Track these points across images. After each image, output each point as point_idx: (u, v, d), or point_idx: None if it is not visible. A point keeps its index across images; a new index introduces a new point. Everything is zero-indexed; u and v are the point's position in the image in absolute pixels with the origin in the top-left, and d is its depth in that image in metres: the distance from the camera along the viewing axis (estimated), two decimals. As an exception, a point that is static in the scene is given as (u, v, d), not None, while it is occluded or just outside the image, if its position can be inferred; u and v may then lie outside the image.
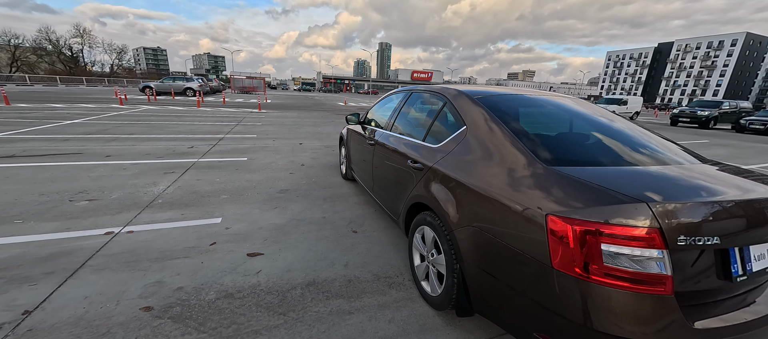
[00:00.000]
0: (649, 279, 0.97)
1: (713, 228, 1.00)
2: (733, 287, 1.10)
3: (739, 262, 1.08)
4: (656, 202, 1.00)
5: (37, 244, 2.33)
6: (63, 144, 5.64)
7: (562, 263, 1.07)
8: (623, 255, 0.99)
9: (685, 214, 1.00)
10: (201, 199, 3.39)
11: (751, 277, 1.10)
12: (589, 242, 1.01)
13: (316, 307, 1.84)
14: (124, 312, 1.71)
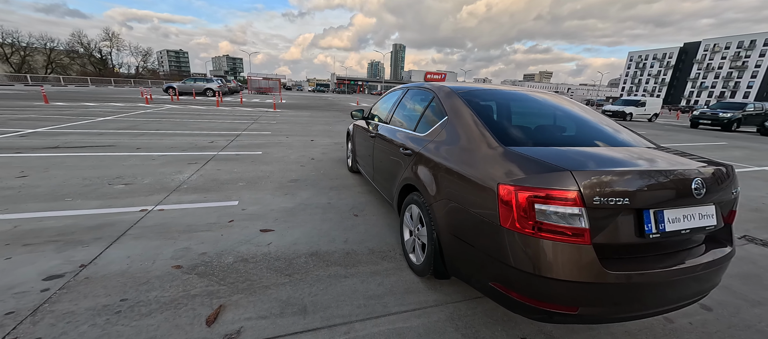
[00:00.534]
0: (572, 231, 1.22)
1: (623, 192, 1.24)
2: (651, 244, 1.32)
3: (653, 222, 1.30)
4: (577, 171, 1.24)
5: (85, 217, 2.75)
6: (98, 138, 6.22)
7: (506, 222, 1.33)
8: (552, 212, 1.24)
9: (599, 180, 1.24)
10: (220, 185, 3.78)
11: (665, 236, 1.32)
12: (526, 203, 1.27)
13: (317, 272, 2.14)
14: (159, 268, 2.07)
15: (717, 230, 1.51)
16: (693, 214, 1.37)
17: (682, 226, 1.35)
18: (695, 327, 1.81)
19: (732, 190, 1.50)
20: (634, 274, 1.24)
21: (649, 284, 1.26)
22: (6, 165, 4.11)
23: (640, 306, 1.30)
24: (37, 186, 3.42)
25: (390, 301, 1.89)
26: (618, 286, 1.23)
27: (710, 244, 1.51)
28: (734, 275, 2.39)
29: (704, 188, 1.36)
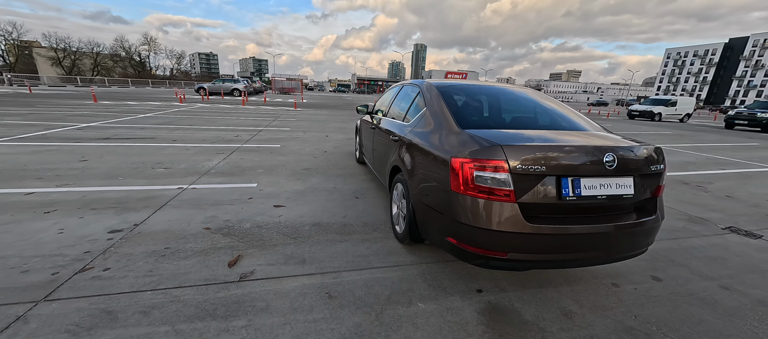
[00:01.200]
0: (501, 192, 1.57)
1: (541, 162, 1.57)
2: (574, 206, 1.63)
3: (570, 188, 1.61)
4: (506, 146, 1.59)
5: (135, 192, 3.35)
6: (140, 131, 7.06)
7: (456, 187, 1.69)
8: (486, 177, 1.59)
9: (522, 153, 1.57)
10: (243, 171, 4.33)
11: (581, 199, 1.63)
12: (468, 171, 1.63)
13: (317, 237, 2.58)
14: (193, 229, 2.59)
15: (645, 201, 1.78)
16: (609, 184, 1.67)
17: (598, 193, 1.65)
18: (638, 292, 2.07)
19: (651, 166, 1.77)
20: (552, 228, 1.57)
21: (565, 237, 1.58)
22: (70, 152, 4.90)
23: (559, 255, 1.62)
24: (96, 168, 4.11)
25: (374, 259, 2.29)
26: (538, 237, 1.56)
27: (636, 211, 1.79)
28: (701, 257, 2.58)
29: (616, 162, 1.65)
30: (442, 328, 1.65)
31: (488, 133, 1.80)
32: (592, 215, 1.69)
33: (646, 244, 1.83)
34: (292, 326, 1.61)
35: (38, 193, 3.16)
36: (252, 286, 1.91)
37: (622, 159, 1.68)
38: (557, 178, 1.61)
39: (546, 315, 1.79)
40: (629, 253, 1.80)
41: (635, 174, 1.74)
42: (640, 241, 1.76)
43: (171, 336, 1.49)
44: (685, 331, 1.73)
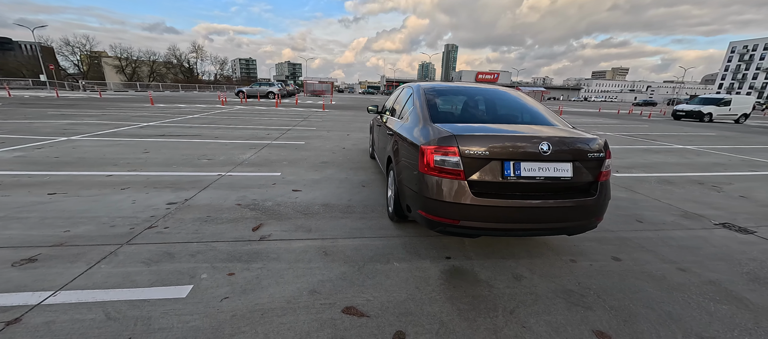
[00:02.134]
0: (453, 171, 1.98)
1: (485, 148, 1.95)
2: (511, 185, 2.00)
3: (511, 169, 1.98)
4: (459, 135, 1.99)
5: (185, 176, 4.13)
6: (189, 129, 8.16)
7: (422, 168, 2.12)
8: (443, 160, 2.00)
9: (471, 141, 1.97)
10: (270, 163, 5.03)
11: (521, 179, 1.98)
12: (431, 155, 2.05)
13: (324, 214, 3.12)
14: (227, 205, 3.24)
15: (587, 183, 2.10)
16: (547, 167, 2.01)
17: (536, 174, 2.00)
18: (593, 267, 2.35)
19: (588, 154, 2.07)
20: (495, 201, 1.95)
21: (508, 209, 1.96)
22: (136, 145, 5.95)
23: (504, 224, 2.00)
24: (156, 158, 5.02)
25: (366, 231, 2.77)
26: (483, 208, 1.95)
27: (577, 191, 2.10)
28: (675, 246, 2.76)
29: (551, 150, 1.99)
30: (408, 279, 2.09)
31: (450, 126, 2.21)
32: (533, 192, 2.04)
33: (591, 221, 2.13)
34: (294, 270, 2.14)
35: (115, 176, 4.05)
36: (268, 244, 2.48)
37: (558, 148, 2.02)
38: (501, 161, 1.99)
39: (499, 277, 2.16)
40: (573, 228, 2.12)
41: (573, 160, 2.06)
42: (581, 217, 2.07)
43: (209, 270, 2.09)
44: (620, 296, 2.01)
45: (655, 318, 1.83)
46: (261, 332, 1.59)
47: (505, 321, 1.75)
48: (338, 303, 1.83)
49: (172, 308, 1.72)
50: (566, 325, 1.74)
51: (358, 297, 1.89)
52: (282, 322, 1.66)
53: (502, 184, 2.01)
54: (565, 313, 1.83)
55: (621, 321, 1.79)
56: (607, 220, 3.24)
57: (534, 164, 2.01)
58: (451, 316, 1.77)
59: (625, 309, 1.89)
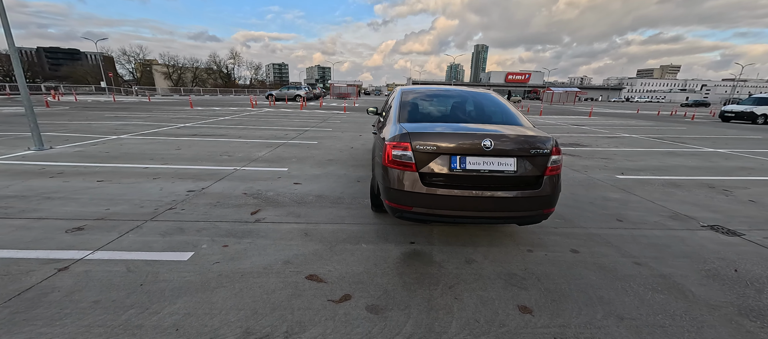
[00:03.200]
0: (407, 164, 2.27)
1: (433, 144, 2.22)
2: (457, 177, 2.24)
3: (458, 163, 2.22)
4: (412, 133, 2.28)
5: (206, 169, 4.75)
6: (217, 130, 9.03)
7: (384, 161, 2.43)
8: (400, 154, 2.31)
9: (422, 138, 2.25)
10: (281, 160, 5.56)
11: (467, 172, 2.22)
12: (389, 150, 2.36)
13: (315, 204, 3.52)
14: (235, 194, 3.75)
15: (533, 177, 2.30)
16: (491, 162, 2.24)
17: (481, 167, 2.23)
18: (547, 257, 2.52)
19: (531, 150, 2.27)
20: (443, 191, 2.22)
21: (455, 198, 2.21)
22: (171, 143, 6.79)
23: (452, 211, 2.25)
24: (185, 154, 5.75)
25: (347, 219, 3.13)
26: (432, 196, 2.22)
27: (522, 185, 2.30)
28: (643, 243, 2.82)
29: (492, 146, 2.21)
30: (370, 257, 2.42)
31: (412, 125, 2.50)
32: (479, 184, 2.28)
33: (538, 212, 2.32)
34: (276, 246, 2.55)
35: (150, 168, 4.76)
36: (261, 225, 2.92)
37: (500, 144, 2.24)
38: (449, 155, 2.25)
39: (452, 260, 2.42)
40: (521, 218, 2.32)
41: (517, 156, 2.27)
42: (528, 208, 2.28)
43: (209, 242, 2.56)
44: (560, 281, 2.19)
45: (584, 300, 2.00)
46: (237, 287, 2.00)
47: (441, 293, 2.02)
48: (304, 271, 2.20)
49: (175, 267, 2.19)
50: (495, 300, 1.97)
51: (322, 268, 2.25)
52: (255, 282, 2.06)
53: (450, 175, 2.27)
54: (498, 291, 2.06)
55: (549, 300, 1.99)
56: (584, 218, 3.33)
57: (478, 159, 2.25)
58: (395, 287, 2.07)
59: (558, 291, 2.08)
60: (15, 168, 4.55)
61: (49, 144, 6.13)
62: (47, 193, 3.54)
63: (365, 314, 1.80)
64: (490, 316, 1.83)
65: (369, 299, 1.93)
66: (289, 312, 1.79)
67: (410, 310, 1.85)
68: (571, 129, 12.29)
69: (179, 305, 1.81)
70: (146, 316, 1.72)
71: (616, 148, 7.92)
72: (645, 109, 36.14)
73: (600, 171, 5.46)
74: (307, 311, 1.81)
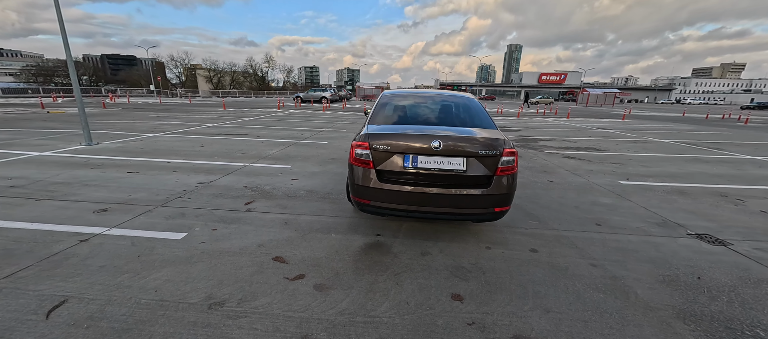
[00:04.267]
0: (365, 162, 2.50)
1: (388, 144, 2.42)
2: (410, 174, 2.43)
3: (411, 161, 2.41)
4: (371, 133, 2.51)
5: (219, 165, 5.30)
6: (240, 129, 9.78)
7: (350, 159, 2.69)
8: (360, 153, 2.55)
9: (378, 138, 2.46)
10: (288, 158, 6.01)
11: (418, 169, 2.40)
12: (354, 149, 2.61)
13: (304, 197, 3.86)
14: (238, 187, 4.20)
15: (483, 177, 2.43)
16: (441, 161, 2.40)
17: (431, 166, 2.41)
18: (502, 255, 2.63)
19: (480, 151, 2.40)
20: (396, 187, 2.43)
21: (407, 194, 2.41)
22: (196, 141, 7.54)
23: (405, 206, 2.45)
24: (205, 151, 6.40)
25: (328, 212, 3.42)
26: (387, 191, 2.44)
27: (472, 184, 2.44)
28: (611, 247, 2.82)
29: (441, 146, 2.38)
30: (334, 245, 2.68)
31: (373, 127, 2.73)
32: (430, 181, 2.45)
33: (489, 210, 2.45)
34: (257, 232, 2.89)
35: (173, 162, 5.40)
36: (249, 214, 3.30)
37: (450, 145, 2.40)
38: (403, 155, 2.46)
39: (408, 252, 2.61)
40: (473, 215, 2.47)
41: (466, 156, 2.42)
42: (478, 206, 2.42)
43: (202, 225, 2.97)
44: (504, 276, 2.31)
45: (518, 293, 2.11)
46: (213, 262, 2.36)
47: (385, 278, 2.24)
48: (272, 253, 2.52)
49: (168, 244, 2.61)
50: (432, 287, 2.15)
51: (289, 252, 2.56)
52: (228, 259, 2.41)
53: (403, 173, 2.48)
54: (439, 280, 2.23)
55: (484, 291, 2.13)
56: (561, 221, 3.35)
57: (429, 158, 2.43)
58: (346, 270, 2.32)
59: (497, 284, 2.21)
60: (66, 159, 5.39)
61: (96, 140, 7.10)
62: (86, 181, 4.21)
63: (310, 291, 2.07)
64: (422, 300, 2.02)
65: (319, 279, 2.20)
66: (247, 284, 2.11)
67: (351, 290, 2.09)
68: (594, 133, 11.71)
69: (163, 273, 2.20)
70: (135, 280, 2.12)
71: (635, 153, 7.51)
72: (694, 112, 32.96)
73: (604, 176, 5.29)
74: (263, 285, 2.11)
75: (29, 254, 2.39)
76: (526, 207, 3.73)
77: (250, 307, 1.90)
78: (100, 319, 1.76)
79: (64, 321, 1.74)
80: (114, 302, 1.90)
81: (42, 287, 2.01)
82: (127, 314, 1.80)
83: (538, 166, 5.97)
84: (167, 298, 1.94)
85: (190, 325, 1.73)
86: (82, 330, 1.68)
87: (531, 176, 5.18)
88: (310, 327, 1.76)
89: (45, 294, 1.95)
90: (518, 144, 8.59)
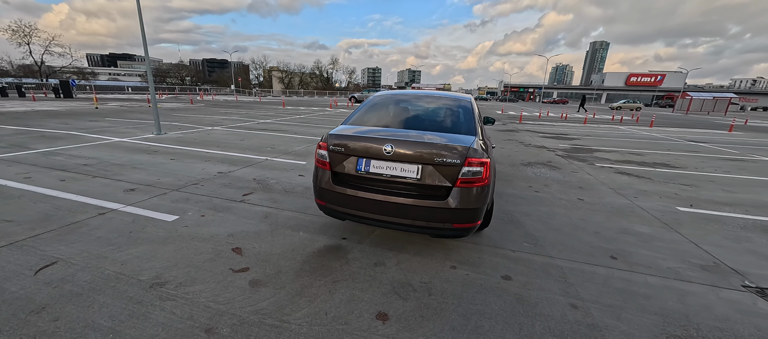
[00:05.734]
0: (323, 163, 2.45)
1: (343, 146, 2.32)
2: (363, 178, 2.29)
3: (363, 165, 2.27)
4: (331, 135, 2.44)
5: (245, 158, 5.79)
6: (283, 126, 10.57)
7: (315, 160, 2.68)
8: (320, 153, 2.50)
9: (336, 140, 2.37)
10: (308, 154, 6.28)
11: (370, 174, 2.24)
12: (317, 150, 2.59)
13: (298, 193, 3.98)
14: (247, 178, 4.54)
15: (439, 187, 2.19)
16: (394, 167, 2.21)
17: (383, 172, 2.23)
18: (466, 277, 2.33)
19: (436, 159, 2.13)
20: (350, 191, 2.32)
21: (359, 199, 2.29)
22: (240, 135, 8.39)
23: (358, 211, 2.33)
24: (242, 144, 7.08)
25: (310, 210, 3.46)
26: (341, 195, 2.36)
27: (427, 194, 2.20)
28: (618, 289, 2.30)
29: (393, 152, 2.18)
30: (295, 243, 2.70)
31: (339, 127, 2.66)
32: (381, 188, 2.28)
33: (445, 225, 2.19)
34: (236, 221, 3.08)
35: (209, 153, 6.09)
36: (240, 205, 3.53)
37: (402, 150, 2.19)
38: (356, 157, 2.34)
39: (363, 259, 2.49)
40: (427, 229, 2.24)
41: (420, 163, 2.18)
42: (433, 219, 2.18)
43: (194, 211, 3.27)
44: (451, 302, 2.04)
45: (456, 324, 1.84)
46: (182, 245, 2.58)
47: (322, 283, 2.17)
48: (235, 244, 2.65)
49: (160, 224, 2.94)
50: (363, 301, 2.01)
51: (249, 244, 2.66)
52: (196, 244, 2.61)
53: (355, 176, 2.36)
54: (375, 295, 2.07)
55: (418, 315, 1.91)
56: (564, 247, 2.84)
57: (381, 162, 2.27)
58: (290, 269, 2.31)
59: (436, 309, 1.96)
60: (134, 146, 6.50)
61: (165, 131, 8.41)
62: (136, 165, 5.01)
63: (244, 285, 2.12)
64: (342, 313, 1.90)
65: (259, 275, 2.24)
66: (195, 270, 2.26)
67: (281, 291, 2.08)
68: (678, 146, 9.65)
69: (137, 250, 2.49)
70: (114, 252, 2.44)
71: (721, 174, 5.96)
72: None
73: (657, 199, 4.32)
74: (208, 273, 2.23)
75: (58, 220, 2.93)
76: (530, 226, 3.25)
77: (183, 291, 2.02)
78: (67, 282, 2.06)
79: (44, 279, 2.08)
80: (86, 269, 2.21)
81: (47, 249, 2.45)
82: (88, 281, 2.08)
83: (575, 180, 5.16)
84: (125, 273, 2.19)
85: (126, 300, 1.92)
86: (50, 288, 1.99)
87: (558, 191, 4.50)
88: (219, 321, 1.79)
89: (46, 254, 2.37)
90: (566, 154, 7.55)
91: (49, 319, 1.75)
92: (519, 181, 5.01)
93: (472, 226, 2.29)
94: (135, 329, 1.71)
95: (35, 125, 9.00)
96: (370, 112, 3.05)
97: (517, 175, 5.33)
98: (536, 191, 4.50)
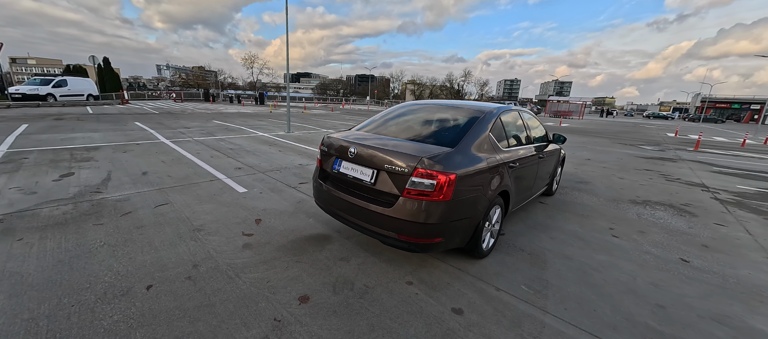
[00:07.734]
0: (318, 160, 2.82)
1: (329, 146, 2.58)
2: (335, 177, 2.47)
3: (337, 165, 2.46)
4: (326, 137, 2.76)
5: (328, 156, 6.87)
6: (385, 133, 11.56)
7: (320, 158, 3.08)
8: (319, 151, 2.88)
9: (325, 141, 2.67)
10: (380, 159, 6.80)
11: (340, 173, 2.40)
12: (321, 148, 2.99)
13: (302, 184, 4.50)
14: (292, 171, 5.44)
15: (388, 194, 2.17)
16: (356, 168, 2.30)
17: (348, 172, 2.36)
18: (405, 292, 2.18)
19: (386, 166, 2.07)
20: (325, 186, 2.60)
21: (331, 195, 2.53)
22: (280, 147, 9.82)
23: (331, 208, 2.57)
24: (336, 145, 8.33)
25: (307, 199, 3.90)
26: (319, 189, 2.66)
27: (379, 200, 2.19)
28: None
29: (355, 153, 2.26)
30: (301, 226, 3.17)
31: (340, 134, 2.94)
32: (344, 187, 2.42)
33: (390, 234, 2.14)
34: (280, 199, 3.86)
35: (306, 149, 7.50)
36: (292, 190, 4.35)
37: (360, 154, 2.26)
38: (334, 157, 2.57)
39: (335, 252, 2.69)
40: (375, 233, 2.25)
41: (375, 167, 2.19)
42: (380, 226, 2.18)
43: (261, 188, 4.29)
44: (376, 309, 2.00)
45: (358, 330, 1.83)
46: (232, 209, 3.51)
47: (287, 260, 2.53)
48: (260, 216, 3.38)
49: (233, 192, 4.06)
50: (301, 283, 2.24)
51: (269, 219, 3.33)
52: (239, 210, 3.49)
53: (329, 174, 2.59)
54: (315, 282, 2.26)
55: (332, 310, 1.99)
56: (588, 314, 2.17)
57: (348, 164, 2.41)
58: (276, 243, 2.79)
59: (355, 310, 1.98)
60: (265, 139, 8.73)
61: (293, 130, 10.80)
62: (255, 152, 6.82)
63: (239, 245, 2.74)
64: (278, 285, 2.20)
65: (254, 241, 2.82)
66: (223, 226, 3.07)
67: (257, 256, 2.58)
68: None
69: (207, 206, 3.57)
70: (197, 204, 3.59)
71: None
72: None
73: None
74: (229, 230, 2.99)
75: (189, 180, 4.50)
76: (554, 271, 2.59)
77: (205, 238, 2.83)
78: (160, 215, 3.24)
79: (154, 211, 3.34)
80: (175, 211, 3.38)
81: (170, 195, 3.85)
82: (170, 218, 3.20)
83: (704, 235, 3.53)
84: (189, 218, 3.22)
85: (175, 235, 2.87)
86: (153, 216, 3.19)
87: (655, 244, 3.24)
88: (206, 262, 2.44)
89: (167, 198, 3.74)
90: (734, 200, 5.10)
91: (136, 227, 2.86)
92: (602, 219, 3.86)
93: (425, 242, 2.13)
94: (167, 251, 2.56)
95: (229, 121, 13.35)
96: (379, 118, 3.21)
97: (605, 213, 4.10)
98: (615, 236, 3.39)
